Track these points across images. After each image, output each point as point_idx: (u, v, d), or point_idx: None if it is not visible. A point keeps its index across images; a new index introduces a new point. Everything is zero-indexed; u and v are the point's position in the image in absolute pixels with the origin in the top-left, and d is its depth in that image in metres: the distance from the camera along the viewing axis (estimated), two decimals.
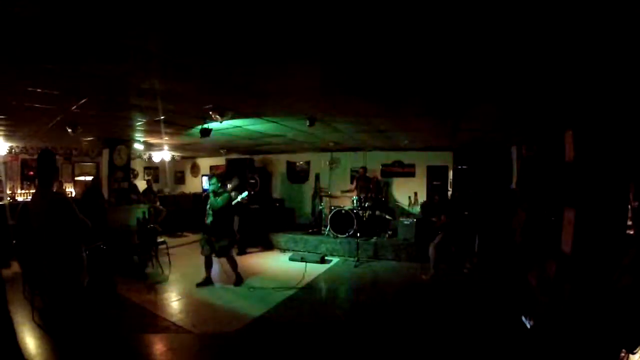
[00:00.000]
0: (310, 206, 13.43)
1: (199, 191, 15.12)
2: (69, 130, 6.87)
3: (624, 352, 3.28)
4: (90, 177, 12.09)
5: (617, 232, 4.69)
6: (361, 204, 10.48)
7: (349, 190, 11.52)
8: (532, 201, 7.21)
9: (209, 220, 6.85)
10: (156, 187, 14.41)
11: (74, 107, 5.46)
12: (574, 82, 3.92)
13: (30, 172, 11.70)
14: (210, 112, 5.71)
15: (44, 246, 3.72)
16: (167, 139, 9.76)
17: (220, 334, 5.06)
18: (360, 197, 10.56)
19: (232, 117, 6.33)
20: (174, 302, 6.33)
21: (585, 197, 4.95)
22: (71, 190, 12.78)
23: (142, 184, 13.13)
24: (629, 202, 4.69)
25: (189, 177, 17.14)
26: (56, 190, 4.49)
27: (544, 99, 4.71)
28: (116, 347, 4.53)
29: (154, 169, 16.40)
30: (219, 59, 3.55)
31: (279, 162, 14.07)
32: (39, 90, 4.55)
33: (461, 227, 8.24)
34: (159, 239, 8.60)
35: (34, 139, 9.47)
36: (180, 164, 16.91)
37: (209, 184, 6.87)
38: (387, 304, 6.47)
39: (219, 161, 15.16)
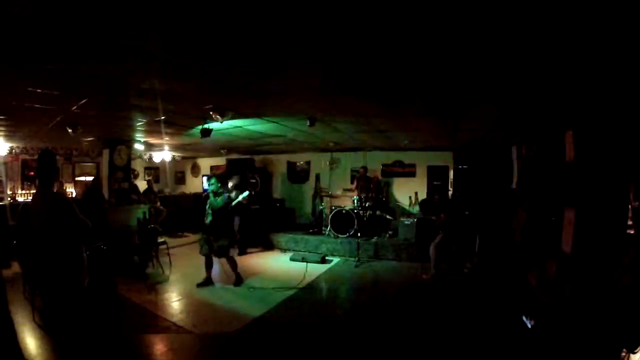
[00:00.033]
0: (310, 206, 13.44)
1: (200, 191, 15.02)
2: (69, 130, 6.87)
3: (625, 352, 3.28)
4: (90, 178, 12.12)
5: (617, 232, 4.69)
6: (362, 204, 10.47)
7: (350, 189, 11.52)
8: (532, 201, 7.21)
9: (208, 220, 6.86)
10: (157, 187, 14.42)
11: (74, 107, 5.46)
12: (574, 82, 3.92)
13: (30, 173, 11.69)
14: (210, 112, 5.72)
15: (45, 246, 3.72)
16: (168, 139, 9.76)
17: (220, 334, 5.06)
18: (360, 197, 10.55)
19: (233, 117, 6.33)
20: (175, 302, 6.33)
21: (585, 197, 4.95)
22: (72, 190, 12.78)
23: (142, 184, 13.15)
24: (629, 201, 4.69)
25: (189, 177, 17.13)
26: (56, 190, 4.50)
27: (544, 98, 4.71)
28: (117, 347, 4.53)
29: (154, 169, 16.40)
30: (219, 59, 3.54)
31: (280, 162, 14.07)
32: (39, 90, 4.54)
33: (461, 227, 8.23)
34: (160, 239, 8.60)
35: (34, 140, 9.48)
36: (180, 164, 16.91)
37: (208, 184, 6.86)
38: (388, 304, 6.47)
39: (220, 161, 15.18)
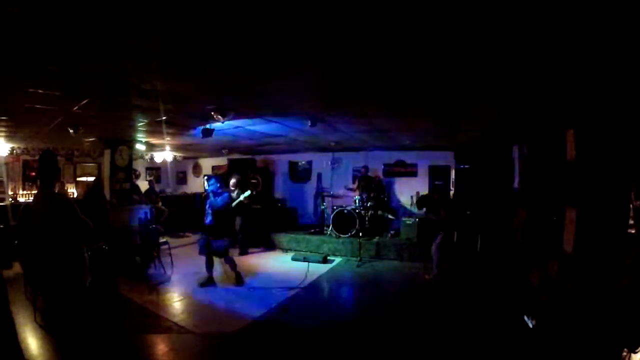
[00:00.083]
0: (312, 206, 13.48)
1: (201, 191, 14.93)
2: (71, 131, 6.89)
3: (626, 352, 3.28)
4: (92, 178, 12.16)
5: (618, 232, 4.68)
6: (363, 204, 10.46)
7: (351, 189, 11.52)
8: (533, 200, 7.20)
9: (208, 219, 6.85)
10: (158, 187, 14.44)
11: (75, 107, 5.47)
12: (575, 81, 3.91)
13: (31, 173, 11.73)
14: (212, 113, 5.72)
15: (46, 247, 3.73)
16: (169, 139, 9.77)
17: (222, 335, 5.05)
18: (362, 196, 10.55)
19: (234, 118, 6.34)
20: (176, 302, 6.33)
21: (586, 196, 4.93)
22: (73, 190, 12.83)
23: (144, 185, 13.16)
24: (631, 201, 4.68)
25: (190, 177, 17.13)
26: (58, 191, 4.51)
27: (545, 98, 4.70)
28: (118, 347, 4.53)
29: (155, 169, 16.43)
30: (219, 59, 3.55)
31: (281, 162, 14.07)
32: (40, 91, 4.56)
33: (462, 226, 8.22)
34: (161, 240, 8.59)
35: (35, 140, 9.50)
36: (182, 164, 16.91)
37: (207, 184, 6.86)
38: (390, 304, 6.46)
39: (221, 161, 15.19)
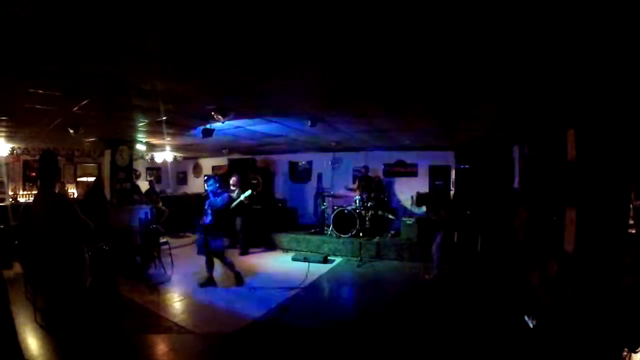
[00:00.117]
0: (312, 206, 13.48)
1: (202, 191, 14.94)
2: (71, 131, 6.89)
3: (627, 351, 3.28)
4: (92, 178, 12.16)
5: (619, 231, 4.68)
6: (363, 204, 10.46)
7: (352, 189, 11.52)
8: (534, 200, 7.19)
9: (207, 219, 6.84)
10: (158, 187, 14.44)
11: (75, 108, 5.47)
12: (575, 81, 3.91)
13: (32, 173, 11.75)
14: (212, 113, 5.73)
15: (46, 247, 3.72)
16: (169, 139, 9.78)
17: (222, 335, 5.05)
18: (362, 196, 10.54)
19: (234, 118, 6.34)
20: (176, 302, 6.33)
21: (587, 196, 4.94)
22: (73, 191, 12.84)
23: (144, 185, 13.16)
24: (631, 201, 4.68)
25: (191, 177, 17.13)
26: (58, 191, 4.51)
27: (545, 98, 4.70)
28: (118, 347, 4.54)
29: (156, 170, 16.44)
30: (219, 59, 3.55)
31: (281, 162, 14.08)
32: (40, 91, 4.56)
33: (463, 226, 8.22)
34: (161, 240, 8.59)
35: (35, 140, 9.50)
36: (182, 164, 16.91)
37: (207, 185, 6.88)
38: (390, 304, 6.45)
39: (221, 161, 15.19)
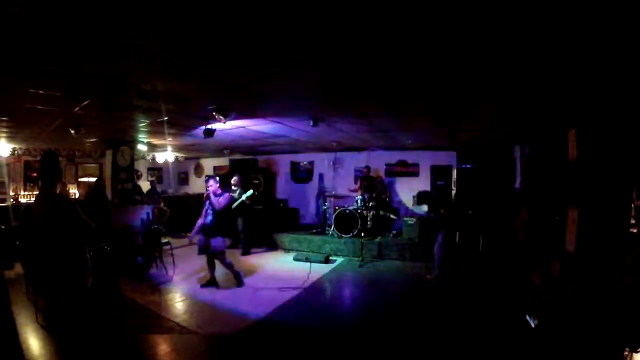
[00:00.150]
0: (314, 206, 13.49)
1: (203, 192, 14.94)
2: (72, 131, 6.90)
3: (628, 351, 3.27)
4: (93, 179, 12.18)
5: (620, 231, 4.67)
6: (365, 204, 10.46)
7: (353, 191, 11.51)
8: (535, 200, 7.19)
9: (208, 219, 6.83)
10: (160, 187, 14.46)
11: (76, 108, 5.48)
12: (576, 81, 3.90)
13: (33, 174, 11.78)
14: (213, 113, 5.73)
15: (47, 247, 3.73)
16: (171, 139, 9.79)
17: (225, 335, 5.05)
18: (364, 196, 10.54)
19: (235, 118, 6.34)
20: (178, 302, 6.33)
21: (588, 196, 4.93)
22: (74, 191, 12.86)
23: (145, 185, 13.15)
24: (632, 200, 4.68)
25: (192, 177, 17.16)
26: (59, 191, 4.51)
27: (546, 98, 4.69)
28: (120, 348, 4.54)
29: (157, 170, 16.47)
30: (219, 59, 3.55)
31: (283, 163, 14.09)
32: (40, 91, 4.57)
33: (464, 226, 8.21)
34: (163, 240, 8.61)
35: (36, 141, 9.53)
36: (183, 164, 16.93)
37: (207, 185, 6.90)
38: (392, 305, 6.44)
39: (223, 162, 15.21)
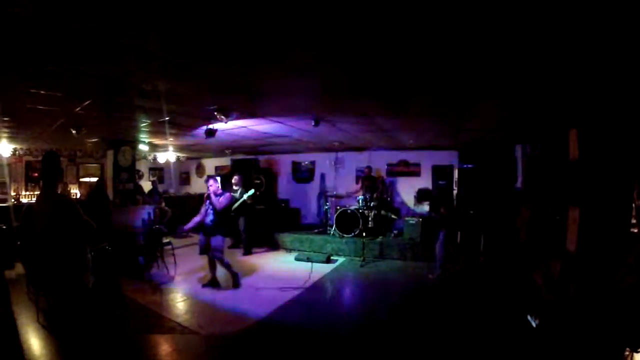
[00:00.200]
0: (315, 206, 13.48)
1: (204, 192, 14.94)
2: (73, 131, 6.91)
3: (628, 351, 3.27)
4: (94, 179, 12.20)
5: (621, 231, 4.67)
6: (366, 204, 10.46)
7: (354, 191, 11.51)
8: (536, 200, 7.18)
9: (209, 219, 6.84)
10: (161, 187, 14.47)
11: (77, 108, 5.49)
12: (577, 81, 3.90)
13: (34, 174, 11.81)
14: (214, 113, 5.74)
15: (48, 248, 3.74)
16: (172, 139, 9.79)
17: (226, 335, 5.05)
18: (365, 196, 10.54)
19: (237, 118, 6.35)
20: (180, 302, 6.33)
21: (589, 195, 4.92)
22: (76, 191, 12.87)
23: (147, 185, 13.21)
24: (634, 200, 4.67)
25: (194, 177, 17.18)
26: (61, 191, 4.52)
27: (547, 97, 4.68)
28: (121, 347, 4.55)
29: (158, 170, 16.48)
30: (219, 59, 3.55)
31: (284, 163, 14.09)
32: (42, 92, 4.57)
33: (465, 226, 8.21)
34: (164, 240, 8.61)
35: (38, 141, 9.53)
36: (185, 164, 16.94)
37: (208, 185, 6.92)
38: (394, 304, 6.43)
39: (224, 162, 15.22)
